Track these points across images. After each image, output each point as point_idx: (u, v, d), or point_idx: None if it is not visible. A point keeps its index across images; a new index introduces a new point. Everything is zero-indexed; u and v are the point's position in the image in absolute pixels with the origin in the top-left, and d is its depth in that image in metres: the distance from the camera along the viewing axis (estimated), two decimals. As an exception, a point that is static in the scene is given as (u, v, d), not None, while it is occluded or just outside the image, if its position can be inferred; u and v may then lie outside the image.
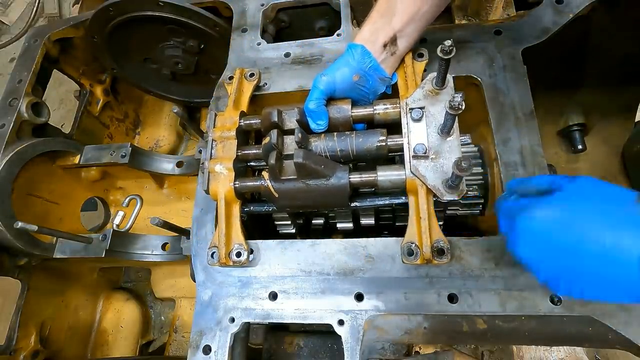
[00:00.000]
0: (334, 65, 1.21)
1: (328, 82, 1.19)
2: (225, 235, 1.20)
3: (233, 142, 1.26)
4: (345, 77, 1.19)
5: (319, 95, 1.19)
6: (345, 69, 1.19)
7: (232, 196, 1.22)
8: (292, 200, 1.20)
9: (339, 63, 1.20)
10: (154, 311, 2.42)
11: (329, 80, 1.19)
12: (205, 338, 1.16)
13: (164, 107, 2.67)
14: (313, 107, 1.19)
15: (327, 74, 1.19)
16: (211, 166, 1.23)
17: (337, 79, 1.19)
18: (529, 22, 1.37)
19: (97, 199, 2.22)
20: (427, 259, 1.08)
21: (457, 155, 1.06)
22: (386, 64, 1.22)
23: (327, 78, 1.19)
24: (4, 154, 1.57)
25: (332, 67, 1.21)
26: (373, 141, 1.17)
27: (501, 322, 1.06)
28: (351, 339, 1.08)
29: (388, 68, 1.23)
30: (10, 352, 1.67)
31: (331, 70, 1.20)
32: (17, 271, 1.70)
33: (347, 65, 1.19)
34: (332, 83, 1.19)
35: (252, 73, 1.43)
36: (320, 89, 1.18)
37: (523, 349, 1.66)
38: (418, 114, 1.13)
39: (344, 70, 1.19)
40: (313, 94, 1.20)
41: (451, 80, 1.16)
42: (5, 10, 4.70)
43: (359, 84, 1.22)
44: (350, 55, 1.19)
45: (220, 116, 1.32)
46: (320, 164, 1.12)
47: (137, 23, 1.83)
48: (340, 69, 1.19)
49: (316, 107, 1.19)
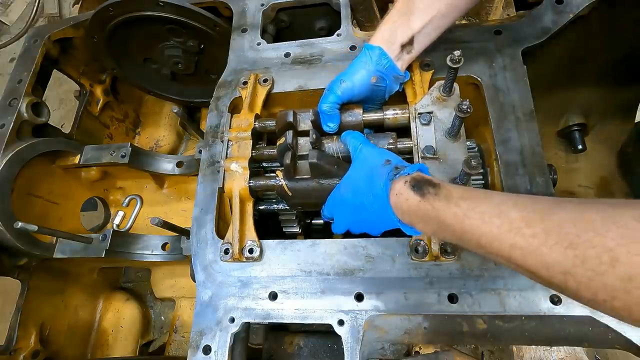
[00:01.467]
0: (352, 68, 1.21)
1: (346, 88, 1.19)
2: (239, 231, 1.24)
3: (248, 142, 1.32)
4: (364, 81, 1.20)
5: (335, 99, 1.20)
6: (363, 72, 1.19)
7: (247, 194, 1.26)
8: (305, 198, 1.23)
9: (357, 66, 1.20)
10: (154, 311, 2.42)
11: (348, 86, 1.19)
12: (205, 338, 1.16)
13: (164, 107, 2.67)
14: (327, 109, 1.21)
15: (346, 80, 1.19)
16: (227, 165, 1.28)
17: (356, 84, 1.20)
18: (529, 22, 1.37)
19: (97, 199, 2.22)
20: (435, 256, 1.11)
21: (464, 156, 1.10)
22: (401, 63, 1.23)
23: (346, 84, 1.19)
24: (4, 154, 1.57)
25: (349, 70, 1.21)
26: (383, 143, 1.22)
27: (501, 322, 1.06)
28: (351, 339, 1.08)
29: (402, 67, 1.24)
30: (10, 352, 1.66)
31: (349, 74, 1.20)
32: (17, 271, 1.70)
33: (365, 68, 1.19)
34: (350, 89, 1.20)
35: (265, 79, 1.47)
36: (338, 94, 1.19)
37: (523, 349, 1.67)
38: (426, 119, 1.19)
39: (362, 74, 1.19)
40: (329, 97, 1.20)
41: (457, 87, 1.21)
42: (5, 10, 4.70)
43: (376, 84, 1.23)
44: (367, 57, 1.19)
45: (236, 118, 1.37)
46: (333, 164, 1.16)
47: (137, 23, 1.83)
48: (358, 72, 1.19)
49: (329, 110, 1.21)
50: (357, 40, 1.50)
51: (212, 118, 1.47)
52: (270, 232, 1.46)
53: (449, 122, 1.15)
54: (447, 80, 1.17)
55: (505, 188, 1.18)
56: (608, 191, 1.86)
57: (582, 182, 1.91)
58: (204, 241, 1.29)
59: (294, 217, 1.43)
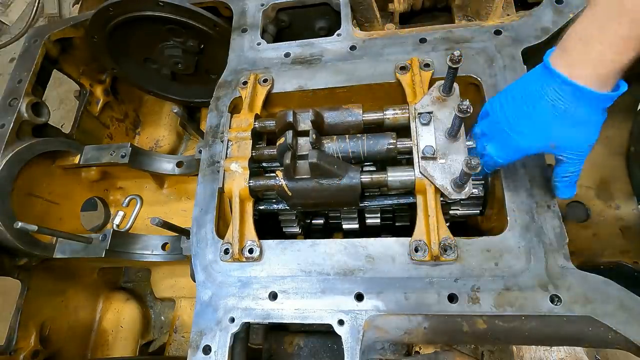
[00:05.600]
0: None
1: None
2: (239, 232, 1.24)
3: (248, 142, 1.31)
4: None
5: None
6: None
7: (247, 194, 1.26)
8: (305, 199, 1.23)
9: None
10: (154, 311, 2.42)
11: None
12: (205, 338, 1.16)
13: (164, 107, 2.67)
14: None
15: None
16: (226, 165, 1.28)
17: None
18: (529, 22, 1.37)
19: (97, 199, 2.22)
20: (435, 256, 1.11)
21: (464, 156, 1.09)
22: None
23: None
24: (4, 154, 1.57)
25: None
26: (383, 143, 1.22)
27: (501, 322, 1.06)
28: (351, 339, 1.08)
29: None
30: (10, 352, 1.66)
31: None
32: (17, 271, 1.70)
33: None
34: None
35: (265, 79, 1.47)
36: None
37: (523, 349, 1.66)
38: (426, 119, 1.19)
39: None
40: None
41: (457, 87, 1.20)
42: (5, 10, 4.70)
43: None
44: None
45: (236, 118, 1.37)
46: (333, 164, 1.16)
47: (137, 23, 1.83)
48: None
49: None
50: (357, 40, 1.50)
51: (212, 118, 1.47)
52: (270, 232, 1.46)
53: (449, 122, 1.14)
54: (447, 80, 1.17)
55: (506, 188, 1.18)
56: (608, 191, 1.86)
57: (582, 182, 1.91)
58: (204, 241, 1.29)
59: (294, 217, 1.42)
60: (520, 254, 1.11)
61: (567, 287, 1.06)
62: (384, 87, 1.41)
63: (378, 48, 1.46)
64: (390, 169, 1.19)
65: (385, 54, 1.44)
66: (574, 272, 1.07)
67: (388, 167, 1.20)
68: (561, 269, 1.08)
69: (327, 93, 1.45)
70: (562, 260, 1.08)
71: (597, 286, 1.05)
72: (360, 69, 1.43)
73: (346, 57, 1.47)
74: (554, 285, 1.06)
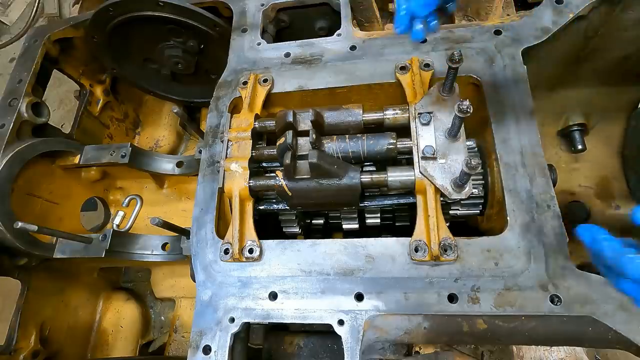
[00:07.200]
0: None
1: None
2: (239, 232, 1.24)
3: (248, 142, 1.31)
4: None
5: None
6: None
7: (247, 194, 1.26)
8: (305, 199, 1.24)
9: None
10: (154, 311, 2.42)
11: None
12: (205, 338, 1.16)
13: (164, 107, 2.67)
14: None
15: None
16: (226, 165, 1.28)
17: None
18: (529, 22, 1.37)
19: (97, 199, 2.22)
20: (435, 256, 1.11)
21: (464, 156, 1.10)
22: None
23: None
24: (4, 154, 1.57)
25: None
26: (383, 143, 1.22)
27: (501, 322, 1.06)
28: (351, 339, 1.08)
29: None
30: (10, 352, 1.67)
31: None
32: (17, 271, 1.70)
33: None
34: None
35: (265, 79, 1.47)
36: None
37: (523, 349, 1.66)
38: (426, 119, 1.19)
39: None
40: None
41: (457, 87, 1.21)
42: (5, 10, 4.70)
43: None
44: None
45: (236, 118, 1.37)
46: (333, 164, 1.17)
47: (137, 23, 1.83)
48: None
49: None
50: (357, 40, 1.50)
51: (212, 118, 1.47)
52: (270, 232, 1.46)
53: (449, 122, 1.15)
54: (447, 80, 1.17)
55: (506, 188, 1.18)
56: (608, 191, 1.87)
57: (582, 182, 1.91)
58: (204, 241, 1.29)
59: (294, 217, 1.43)
60: (520, 254, 1.11)
61: (567, 287, 1.06)
62: (384, 87, 1.41)
63: (378, 48, 1.46)
64: (390, 169, 1.19)
65: (385, 54, 1.44)
66: (574, 272, 1.07)
67: (388, 167, 1.20)
68: (561, 269, 1.08)
69: (327, 93, 1.45)
70: (562, 260, 1.08)
71: (597, 286, 1.05)
72: (360, 69, 1.43)
73: (346, 57, 1.47)
74: (554, 285, 1.06)
